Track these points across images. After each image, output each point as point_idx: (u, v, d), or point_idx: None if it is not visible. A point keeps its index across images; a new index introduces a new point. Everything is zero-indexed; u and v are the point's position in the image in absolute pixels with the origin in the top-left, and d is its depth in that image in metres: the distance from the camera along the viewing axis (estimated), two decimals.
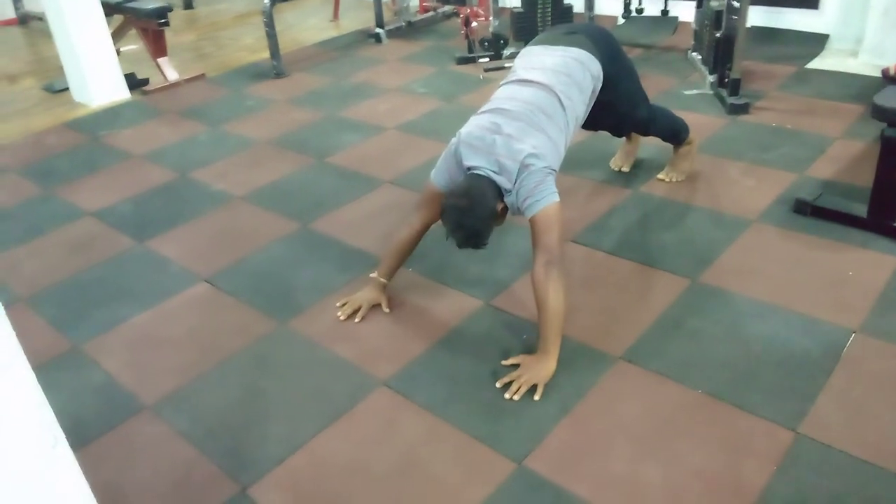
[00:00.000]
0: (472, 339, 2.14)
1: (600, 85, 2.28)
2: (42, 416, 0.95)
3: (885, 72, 3.64)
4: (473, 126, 2.08)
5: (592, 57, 2.25)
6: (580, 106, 2.20)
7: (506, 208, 2.01)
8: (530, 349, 2.03)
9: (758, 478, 1.62)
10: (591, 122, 2.42)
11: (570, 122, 2.13)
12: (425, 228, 2.21)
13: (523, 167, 1.95)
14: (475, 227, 1.92)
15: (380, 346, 2.15)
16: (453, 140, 2.09)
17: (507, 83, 2.23)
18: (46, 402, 0.97)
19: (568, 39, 2.29)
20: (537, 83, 2.14)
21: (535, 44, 2.37)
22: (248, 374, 2.09)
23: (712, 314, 2.15)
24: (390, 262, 2.28)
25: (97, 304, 2.46)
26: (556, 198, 1.96)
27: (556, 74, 2.16)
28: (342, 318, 2.26)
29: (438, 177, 2.13)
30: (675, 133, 2.78)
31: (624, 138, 2.97)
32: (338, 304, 2.31)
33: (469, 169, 2.00)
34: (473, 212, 1.91)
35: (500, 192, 1.97)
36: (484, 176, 1.96)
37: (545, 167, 1.96)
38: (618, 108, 2.50)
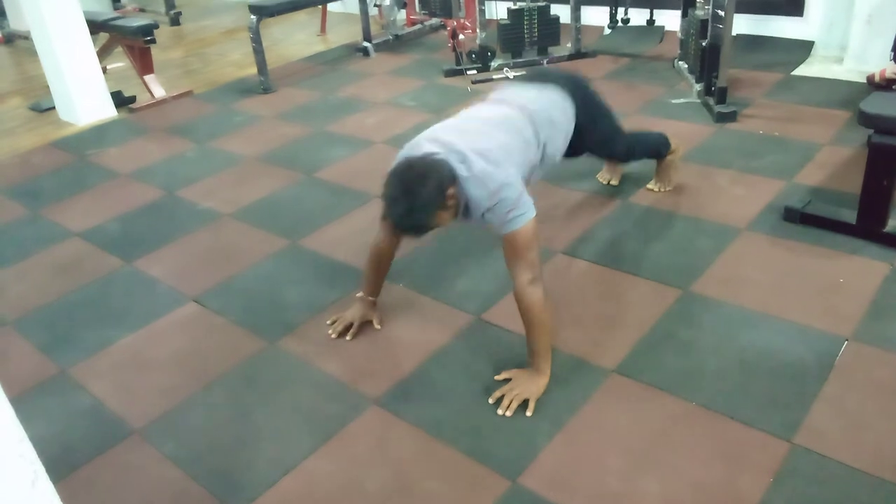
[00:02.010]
0: (464, 355, 2.12)
1: (573, 127, 2.26)
2: (22, 451, 0.92)
3: (870, 78, 3.66)
4: (436, 126, 2.06)
5: (566, 99, 2.24)
6: (555, 135, 2.17)
7: (456, 202, 1.85)
8: (522, 363, 2.01)
9: (754, 490, 1.61)
10: (569, 154, 2.40)
11: (541, 144, 2.11)
12: (395, 238, 2.16)
13: (501, 170, 1.87)
14: (417, 201, 1.75)
15: (370, 364, 2.13)
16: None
17: (475, 104, 2.23)
18: (26, 437, 0.94)
19: (541, 82, 2.28)
20: (508, 103, 2.15)
21: (507, 87, 2.35)
22: (238, 395, 2.06)
23: (704, 324, 2.14)
24: (371, 279, 2.26)
25: (84, 326, 2.44)
26: (534, 212, 1.90)
27: (529, 101, 2.16)
28: (333, 335, 2.24)
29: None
30: (656, 152, 2.80)
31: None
32: (328, 322, 2.29)
33: (433, 141, 1.93)
34: (419, 183, 1.75)
35: (455, 179, 1.83)
36: (442, 158, 1.85)
37: (516, 181, 1.90)
38: (593, 150, 2.54)
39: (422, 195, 1.76)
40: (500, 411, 1.88)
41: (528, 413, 1.87)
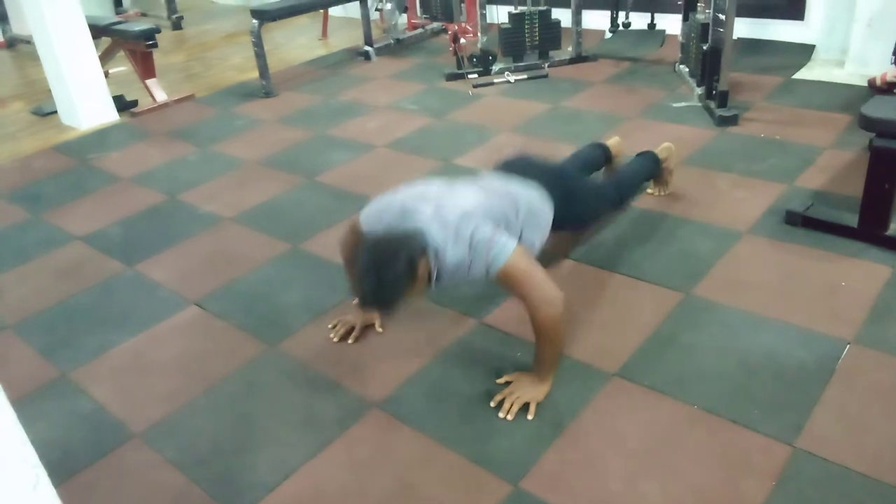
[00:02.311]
0: (465, 358, 2.12)
1: (550, 224, 2.17)
2: (24, 455, 0.92)
3: (871, 82, 3.66)
4: (417, 184, 2.04)
5: (545, 200, 2.14)
6: (533, 223, 2.07)
7: (428, 272, 1.82)
8: (523, 367, 2.01)
9: (757, 494, 1.60)
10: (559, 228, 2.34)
11: (520, 223, 2.03)
12: (357, 237, 2.09)
13: (469, 218, 1.84)
14: (392, 276, 1.71)
15: (372, 368, 2.12)
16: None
17: (459, 182, 2.16)
18: (28, 441, 0.94)
19: (522, 179, 2.17)
20: (490, 185, 2.11)
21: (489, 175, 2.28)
22: (239, 398, 2.06)
23: (706, 328, 2.14)
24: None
25: (85, 330, 2.44)
26: (515, 242, 1.84)
27: (511, 187, 2.10)
28: (335, 339, 2.24)
29: (367, 217, 2.00)
30: (650, 176, 2.76)
31: (605, 165, 2.86)
32: (329, 326, 2.29)
33: (404, 213, 1.88)
34: (396, 258, 1.71)
35: (426, 251, 1.79)
36: (415, 229, 1.82)
37: (484, 224, 1.85)
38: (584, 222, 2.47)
39: (391, 272, 1.71)
40: (501, 415, 1.88)
41: (530, 417, 1.86)
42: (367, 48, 5.17)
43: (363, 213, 2.01)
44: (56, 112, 4.55)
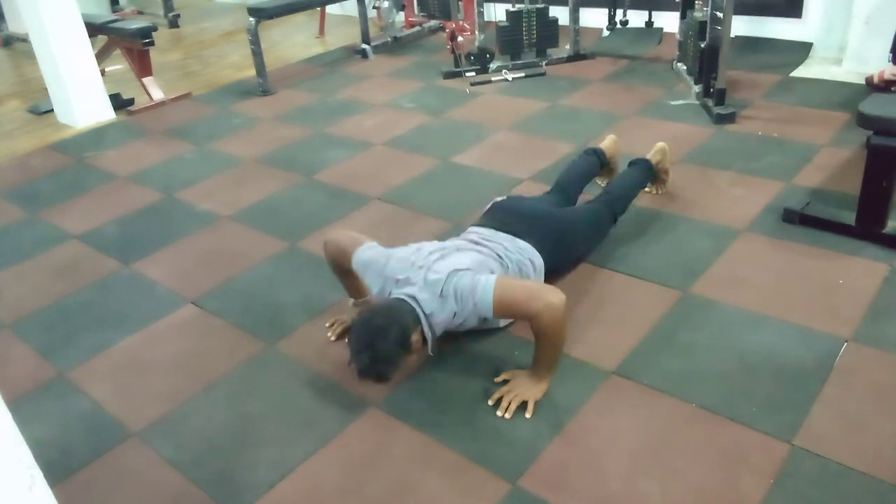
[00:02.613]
0: (463, 357, 2.11)
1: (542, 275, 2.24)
2: (19, 456, 0.92)
3: (868, 79, 3.66)
4: (410, 246, 2.10)
5: (536, 254, 2.20)
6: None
7: (422, 340, 1.91)
8: (521, 366, 2.01)
9: (755, 492, 1.60)
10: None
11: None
12: (343, 241, 2.19)
13: (451, 275, 1.91)
14: (385, 351, 1.80)
15: None
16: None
17: (450, 240, 2.24)
18: (23, 441, 0.94)
19: (512, 235, 2.22)
20: (474, 237, 2.19)
21: (481, 224, 2.31)
22: (237, 397, 2.06)
23: (704, 326, 2.14)
24: (347, 285, 2.28)
25: (83, 329, 2.43)
26: (494, 276, 1.90)
27: (500, 243, 2.15)
28: (332, 338, 2.23)
29: (363, 254, 2.09)
30: (644, 183, 2.74)
31: (602, 169, 2.86)
32: (327, 325, 2.29)
33: (396, 281, 1.97)
34: (388, 333, 1.80)
35: (419, 321, 1.88)
36: (405, 301, 1.90)
37: (461, 269, 1.93)
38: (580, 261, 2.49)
39: (384, 348, 1.80)
40: (499, 413, 1.87)
41: (528, 415, 1.86)
42: (365, 46, 5.16)
43: (359, 252, 2.09)
44: (52, 110, 4.54)
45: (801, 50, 4.28)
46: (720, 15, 3.31)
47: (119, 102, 4.54)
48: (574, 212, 2.53)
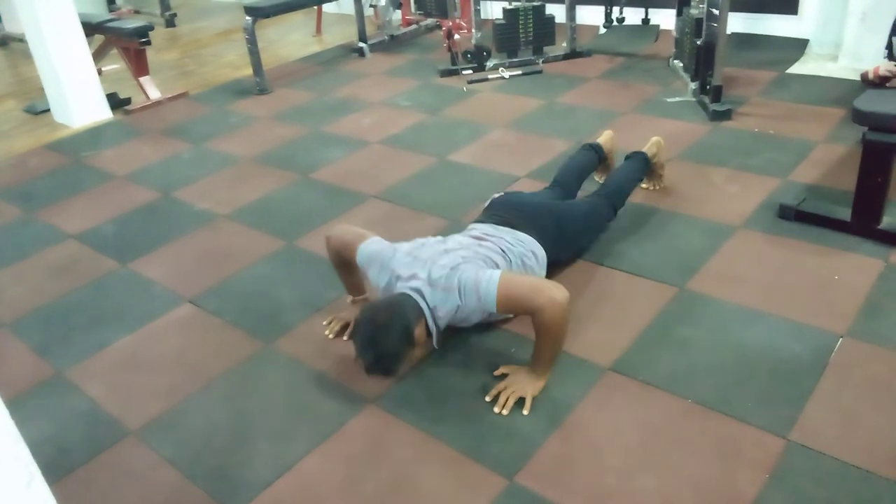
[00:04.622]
0: (460, 354, 2.12)
1: (545, 267, 2.25)
2: (17, 453, 0.92)
3: (864, 76, 3.67)
4: (415, 241, 2.11)
5: (538, 246, 2.22)
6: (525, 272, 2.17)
7: (426, 334, 1.92)
8: (518, 363, 2.01)
9: (751, 487, 1.61)
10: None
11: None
12: (345, 239, 2.18)
13: (455, 269, 1.93)
14: (389, 347, 1.82)
15: None
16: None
17: (450, 236, 2.23)
18: (21, 439, 0.94)
19: (512, 229, 2.23)
20: (476, 233, 2.20)
21: (481, 221, 2.32)
22: (235, 395, 2.06)
23: (700, 322, 2.14)
24: (347, 282, 2.28)
25: (81, 328, 2.43)
26: (498, 270, 1.92)
27: (502, 238, 2.17)
28: (330, 336, 2.24)
29: (368, 248, 2.09)
30: (641, 177, 2.75)
31: (599, 165, 2.87)
32: (324, 323, 2.29)
33: (401, 276, 1.98)
34: (391, 329, 1.82)
35: (422, 315, 1.90)
36: (409, 296, 1.92)
37: (463, 265, 1.95)
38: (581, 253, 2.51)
39: (388, 344, 1.83)
40: (496, 409, 1.88)
41: (525, 411, 1.87)
42: (362, 44, 5.16)
43: (364, 246, 2.09)
44: (49, 110, 4.54)
45: (797, 46, 4.29)
46: (716, 12, 3.31)
47: (116, 102, 4.54)
48: (573, 204, 2.54)
